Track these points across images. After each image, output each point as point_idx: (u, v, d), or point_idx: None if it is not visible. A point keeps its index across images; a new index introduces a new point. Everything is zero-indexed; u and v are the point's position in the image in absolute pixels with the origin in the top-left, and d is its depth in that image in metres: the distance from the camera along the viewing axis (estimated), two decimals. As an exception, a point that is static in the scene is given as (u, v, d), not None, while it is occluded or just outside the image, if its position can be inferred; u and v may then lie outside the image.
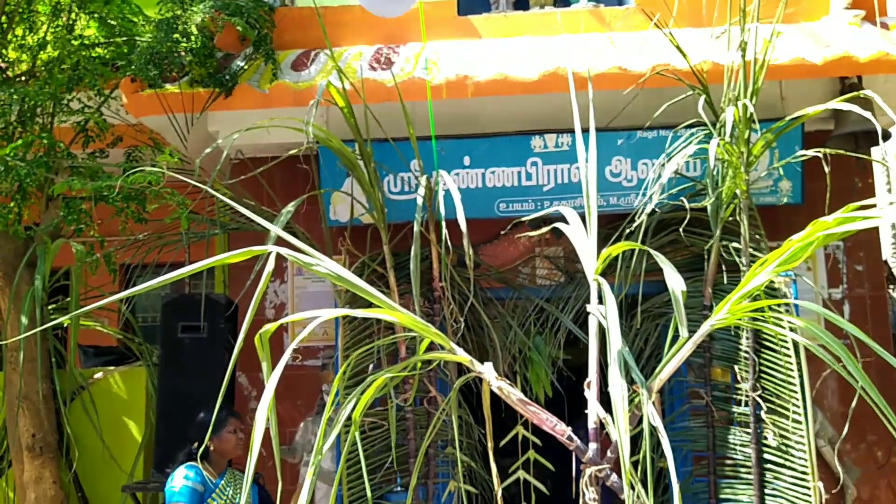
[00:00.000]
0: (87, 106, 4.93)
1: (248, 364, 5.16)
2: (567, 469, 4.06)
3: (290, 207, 4.20)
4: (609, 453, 2.93)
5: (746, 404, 4.61)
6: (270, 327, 2.77)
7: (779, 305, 3.73)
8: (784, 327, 3.53)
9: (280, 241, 2.92)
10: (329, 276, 2.88)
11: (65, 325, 5.09)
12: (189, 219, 4.33)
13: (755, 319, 2.83)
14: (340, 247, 4.80)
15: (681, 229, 4.74)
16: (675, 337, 2.89)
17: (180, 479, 3.63)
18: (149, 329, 6.28)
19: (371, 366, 4.73)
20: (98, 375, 5.58)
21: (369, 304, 2.95)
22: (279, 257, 2.73)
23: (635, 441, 3.29)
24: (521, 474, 5.09)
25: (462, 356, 2.98)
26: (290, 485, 4.88)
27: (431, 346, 3.28)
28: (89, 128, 5.01)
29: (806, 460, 4.38)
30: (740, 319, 2.64)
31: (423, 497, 4.71)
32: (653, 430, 2.68)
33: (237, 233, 4.93)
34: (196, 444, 3.71)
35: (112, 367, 5.62)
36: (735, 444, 4.66)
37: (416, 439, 4.69)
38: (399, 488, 4.71)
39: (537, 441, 5.21)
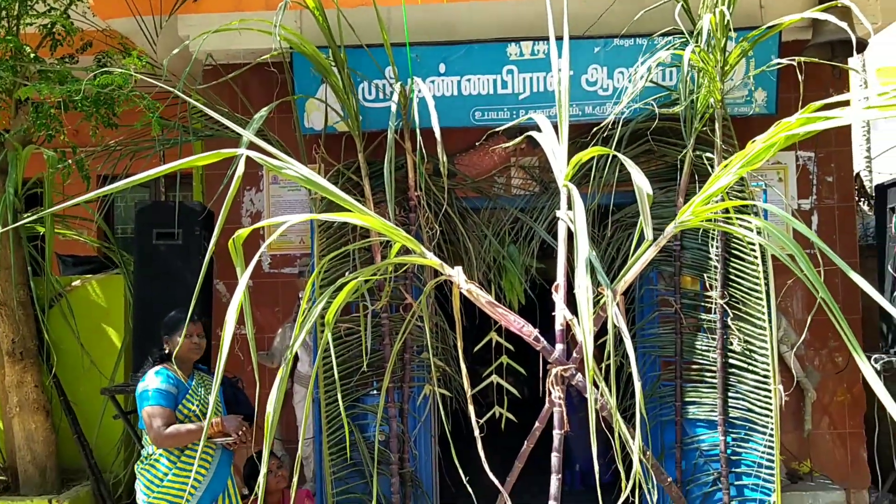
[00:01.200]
0: (52, 7, 4.79)
1: (226, 272, 5.21)
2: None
3: (263, 112, 4.16)
4: (575, 354, 3.02)
5: (714, 311, 4.73)
6: (243, 231, 2.79)
7: (747, 211, 3.78)
8: (751, 230, 3.59)
9: (253, 147, 2.90)
10: (299, 180, 2.88)
11: (41, 233, 5.08)
12: (160, 124, 4.28)
13: (722, 222, 2.87)
14: (315, 154, 4.78)
15: (653, 139, 4.78)
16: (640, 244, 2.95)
17: (150, 381, 3.63)
18: (127, 241, 6.29)
19: (346, 272, 4.79)
20: (76, 283, 5.61)
21: (343, 211, 2.98)
22: (255, 165, 2.73)
23: (603, 346, 3.39)
24: (495, 378, 5.24)
25: (432, 260, 3.03)
26: (268, 388, 4.98)
27: (405, 253, 3.33)
28: (56, 31, 4.88)
29: (768, 365, 4.53)
30: (706, 221, 2.68)
31: (399, 400, 4.84)
32: (618, 332, 2.76)
33: (212, 140, 4.88)
34: (163, 348, 3.76)
35: (90, 276, 5.65)
36: (701, 350, 4.81)
37: (391, 344, 4.79)
38: (375, 392, 4.84)
39: (510, 347, 5.35)
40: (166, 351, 3.74)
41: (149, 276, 4.58)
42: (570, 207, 3.07)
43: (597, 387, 2.81)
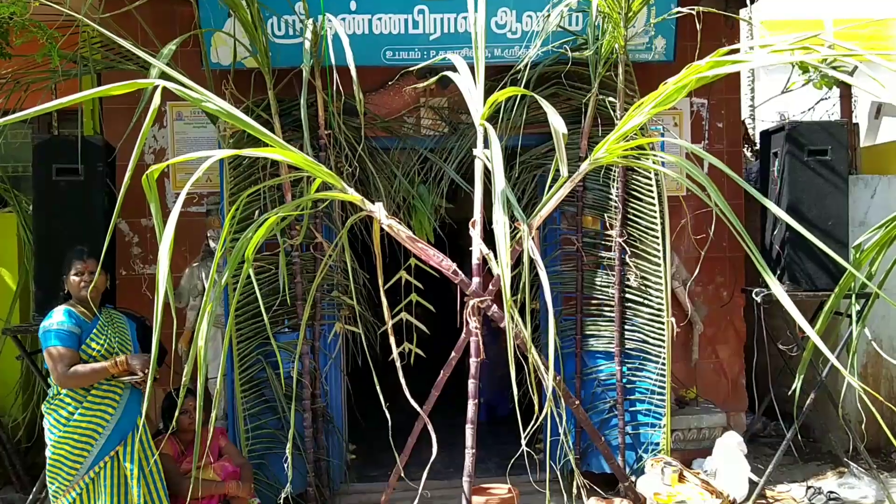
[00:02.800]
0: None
1: (131, 210, 5.07)
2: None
3: (172, 46, 4.05)
4: (490, 286, 3.17)
5: (613, 249, 4.99)
6: (157, 167, 2.76)
7: (648, 151, 3.97)
8: (660, 165, 3.78)
9: (167, 79, 2.84)
10: (220, 113, 2.87)
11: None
12: (59, 55, 4.08)
13: (631, 158, 3.04)
14: (224, 90, 4.68)
15: (558, 83, 4.93)
16: (555, 180, 3.09)
17: (52, 320, 3.56)
18: (17, 180, 5.97)
19: (257, 211, 4.76)
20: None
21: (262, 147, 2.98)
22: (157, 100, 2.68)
23: (515, 281, 3.55)
24: (404, 315, 5.36)
25: (353, 195, 3.09)
26: (178, 328, 4.95)
27: (325, 189, 3.36)
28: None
29: (662, 299, 4.84)
30: (618, 158, 2.84)
31: (310, 337, 4.90)
32: (532, 264, 2.91)
33: (109, 72, 4.70)
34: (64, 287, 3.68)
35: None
36: (601, 286, 5.07)
37: (302, 283, 4.82)
38: (287, 329, 4.87)
39: (419, 285, 5.47)
40: (66, 291, 3.67)
41: (49, 213, 4.40)
42: (486, 146, 3.18)
43: (511, 318, 2.95)
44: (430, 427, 3.05)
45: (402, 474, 3.58)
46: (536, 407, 2.88)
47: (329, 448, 5.01)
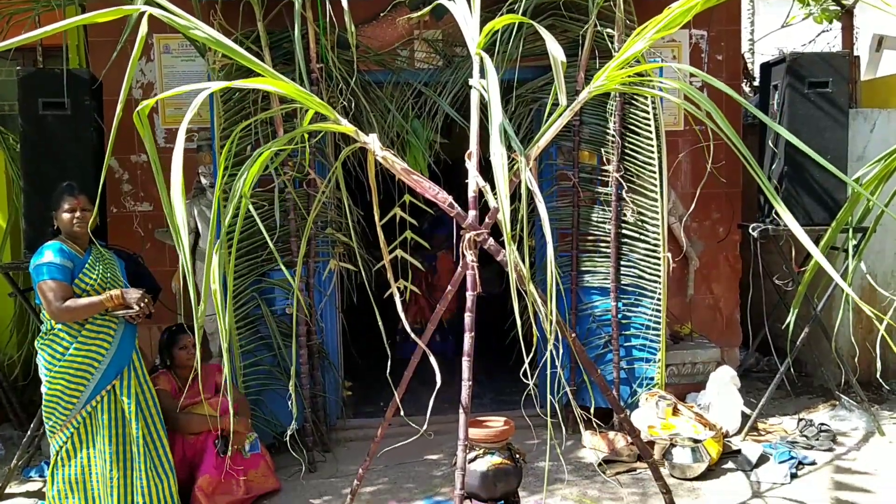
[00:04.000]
0: None
1: (119, 146, 4.98)
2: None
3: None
4: (487, 219, 3.12)
5: (609, 185, 4.94)
6: (148, 102, 2.68)
7: (650, 78, 3.89)
8: (665, 91, 3.71)
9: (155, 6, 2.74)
10: (208, 41, 2.78)
11: None
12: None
13: (632, 85, 2.97)
14: (212, 21, 4.55)
15: (555, 14, 4.81)
16: (552, 113, 3.02)
17: (44, 256, 3.51)
18: (4, 119, 5.84)
19: (248, 147, 4.69)
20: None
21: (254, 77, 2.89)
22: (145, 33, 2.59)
23: (512, 216, 3.51)
24: (400, 253, 5.34)
25: (347, 126, 3.02)
26: (170, 266, 4.92)
27: (319, 121, 3.29)
28: None
29: (658, 234, 4.82)
30: (619, 85, 2.77)
31: (305, 274, 4.87)
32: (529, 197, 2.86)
33: (94, 2, 4.55)
34: (54, 223, 3.63)
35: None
36: (597, 222, 5.04)
37: (296, 219, 4.77)
38: (280, 267, 4.83)
39: (414, 223, 5.43)
40: (56, 227, 3.61)
41: (36, 148, 4.31)
42: (482, 76, 3.09)
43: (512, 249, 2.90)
44: (430, 357, 3.03)
45: (400, 407, 3.58)
46: (534, 341, 2.87)
47: (325, 384, 5.04)
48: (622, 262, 4.99)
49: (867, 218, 4.37)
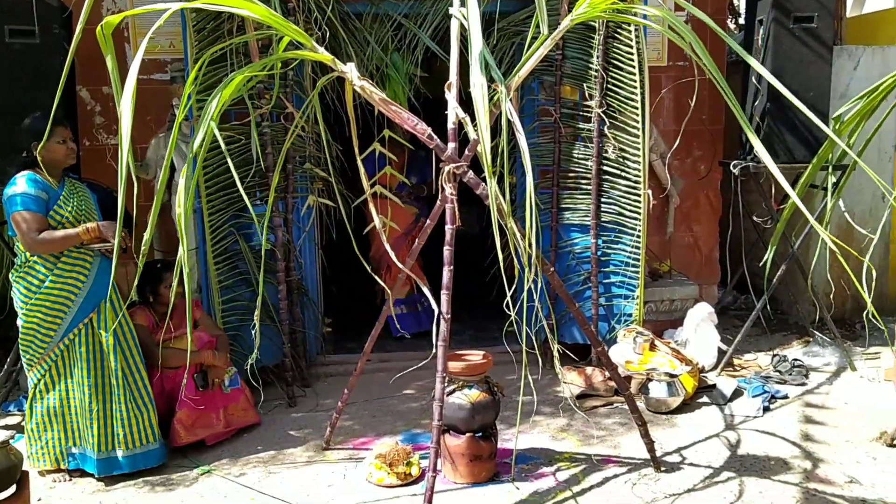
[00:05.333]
0: None
1: (90, 77, 4.87)
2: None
3: None
4: (467, 151, 3.08)
5: (591, 121, 4.89)
6: (113, 18, 2.57)
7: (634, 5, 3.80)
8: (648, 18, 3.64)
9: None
10: (178, -37, 2.67)
11: None
12: None
13: (619, 13, 2.91)
14: (183, -54, 4.39)
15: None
16: (533, 45, 2.95)
17: (18, 186, 3.44)
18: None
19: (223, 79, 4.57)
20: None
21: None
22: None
23: (492, 151, 3.46)
24: (380, 190, 5.29)
25: (324, 54, 2.94)
26: (145, 201, 4.84)
27: (294, 49, 3.19)
28: None
29: (639, 172, 4.79)
30: (602, 13, 2.71)
31: (283, 210, 4.82)
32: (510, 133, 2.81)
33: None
34: (26, 154, 3.53)
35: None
36: (578, 158, 5.00)
37: (273, 154, 4.69)
38: (259, 202, 4.78)
39: (394, 158, 5.37)
40: (40, 158, 3.50)
41: (4, 78, 4.18)
42: (462, 4, 3.01)
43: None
44: (422, 284, 3.01)
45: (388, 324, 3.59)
46: (515, 273, 2.87)
47: (304, 320, 5.03)
48: (602, 200, 4.97)
49: (847, 156, 4.37)
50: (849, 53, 5.74)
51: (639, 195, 4.82)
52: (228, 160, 2.98)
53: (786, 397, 4.58)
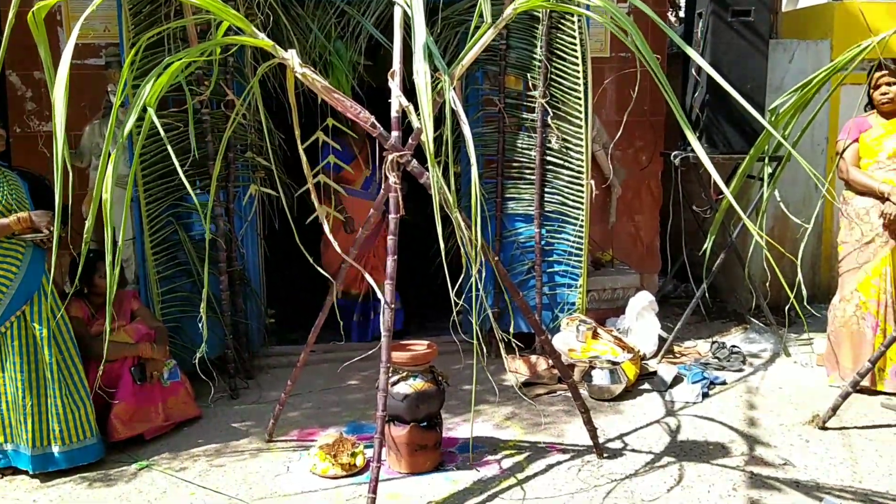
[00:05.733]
0: None
1: (20, 62, 4.70)
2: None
3: None
4: (411, 140, 3.06)
5: (535, 111, 4.91)
6: (44, 3, 2.48)
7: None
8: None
9: None
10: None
11: None
12: None
13: (558, 3, 2.91)
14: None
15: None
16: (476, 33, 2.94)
17: None
18: None
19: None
20: None
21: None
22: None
23: (436, 142, 3.44)
24: (323, 179, 5.23)
25: (264, 40, 2.89)
26: (80, 189, 4.70)
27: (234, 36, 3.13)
28: None
29: (582, 162, 4.84)
30: (544, 1, 2.71)
31: (224, 199, 4.73)
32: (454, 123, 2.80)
33: None
34: None
35: None
36: (522, 148, 5.02)
37: (213, 142, 4.60)
38: (199, 191, 4.68)
39: (337, 147, 5.31)
40: None
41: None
42: (406, -8, 2.99)
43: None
44: (368, 278, 2.98)
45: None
46: (463, 263, 2.86)
47: (247, 311, 4.96)
48: (546, 189, 5.01)
49: (782, 147, 4.47)
50: (784, 47, 5.88)
51: (582, 185, 4.86)
52: (168, 147, 2.90)
53: (724, 383, 4.69)
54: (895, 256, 4.39)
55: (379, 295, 3.09)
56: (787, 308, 5.46)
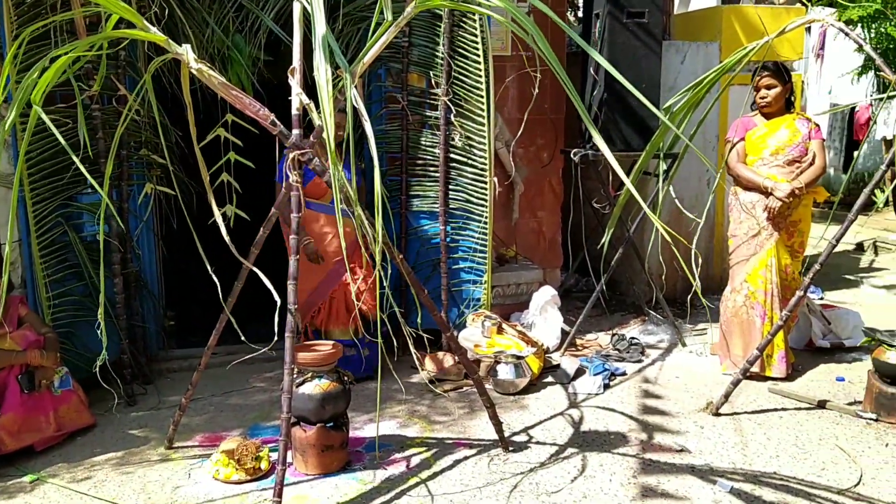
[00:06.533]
0: None
1: None
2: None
3: None
4: (312, 138, 3.02)
5: (438, 108, 4.93)
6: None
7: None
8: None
9: None
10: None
11: None
12: None
13: (458, 2, 2.92)
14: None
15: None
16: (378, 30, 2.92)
17: None
18: None
19: (49, 61, 4.24)
20: None
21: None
22: None
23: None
24: (225, 177, 5.09)
25: (157, 35, 2.79)
26: (-42, 189, 4.43)
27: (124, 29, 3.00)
28: None
29: (485, 159, 4.89)
30: (445, 1, 2.72)
31: (117, 199, 4.55)
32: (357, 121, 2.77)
33: None
34: None
35: None
36: (426, 146, 5.03)
37: (105, 139, 4.42)
38: (90, 190, 4.49)
39: (238, 143, 5.18)
40: None
41: None
42: (305, -13, 2.94)
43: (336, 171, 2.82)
44: (264, 279, 2.92)
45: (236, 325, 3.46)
46: (366, 262, 2.84)
47: (144, 314, 4.79)
48: (450, 187, 5.03)
49: (676, 145, 4.65)
50: (676, 48, 6.10)
51: (485, 182, 4.91)
52: (63, 142, 2.76)
53: (624, 374, 4.83)
54: (780, 248, 4.63)
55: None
56: (688, 298, 5.74)
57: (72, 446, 3.87)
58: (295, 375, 3.39)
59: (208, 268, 3.05)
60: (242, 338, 3.21)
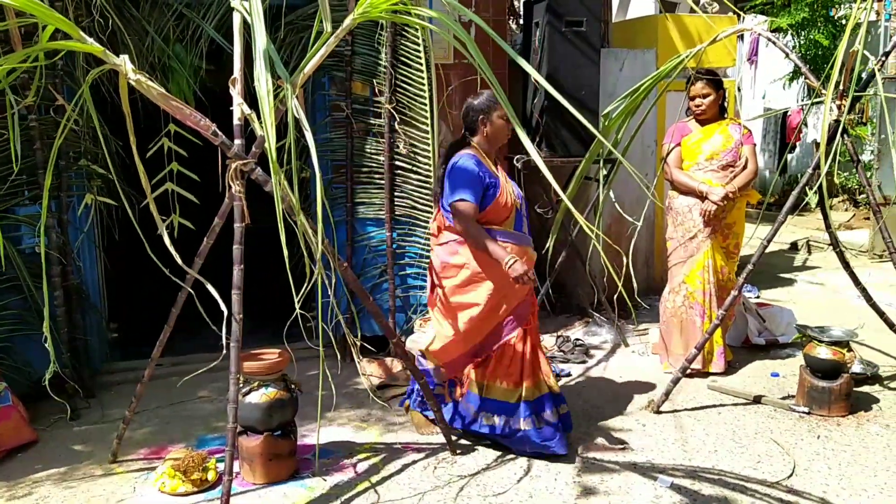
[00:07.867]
0: None
1: None
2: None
3: None
4: (254, 148, 3.03)
5: (382, 116, 4.97)
6: None
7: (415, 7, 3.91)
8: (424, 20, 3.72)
9: None
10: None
11: None
12: None
13: (398, 14, 2.97)
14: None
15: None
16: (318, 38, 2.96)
17: None
18: None
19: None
20: None
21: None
22: None
23: (282, 150, 3.43)
24: (169, 186, 5.05)
25: (93, 46, 2.77)
26: None
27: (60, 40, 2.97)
28: None
29: (430, 166, 4.94)
30: (383, 13, 2.77)
31: (57, 210, 4.48)
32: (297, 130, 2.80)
33: None
34: None
35: None
36: (371, 154, 5.06)
37: (43, 150, 4.35)
38: (28, 201, 4.41)
39: (183, 153, 5.14)
40: None
41: None
42: (245, -2, 2.96)
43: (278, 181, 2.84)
44: (210, 288, 2.92)
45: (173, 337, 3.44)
46: (307, 272, 2.86)
47: (86, 327, 4.71)
48: (396, 194, 5.07)
49: (617, 148, 4.76)
50: (615, 56, 6.24)
51: (430, 189, 4.96)
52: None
53: (569, 375, 4.93)
54: (716, 250, 4.78)
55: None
56: (630, 300, 5.86)
57: (12, 463, 3.79)
58: (241, 385, 3.40)
59: (151, 278, 3.03)
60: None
